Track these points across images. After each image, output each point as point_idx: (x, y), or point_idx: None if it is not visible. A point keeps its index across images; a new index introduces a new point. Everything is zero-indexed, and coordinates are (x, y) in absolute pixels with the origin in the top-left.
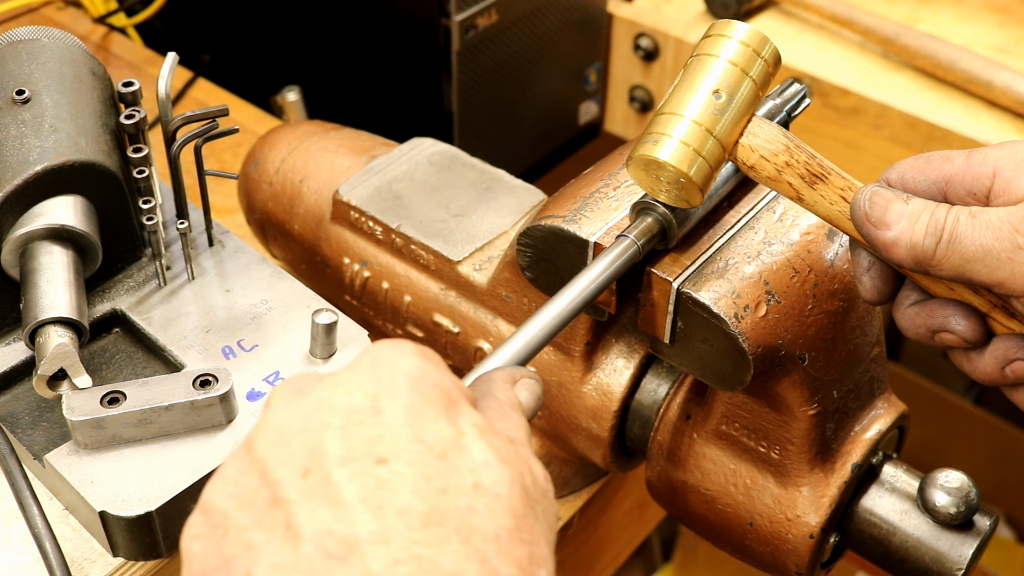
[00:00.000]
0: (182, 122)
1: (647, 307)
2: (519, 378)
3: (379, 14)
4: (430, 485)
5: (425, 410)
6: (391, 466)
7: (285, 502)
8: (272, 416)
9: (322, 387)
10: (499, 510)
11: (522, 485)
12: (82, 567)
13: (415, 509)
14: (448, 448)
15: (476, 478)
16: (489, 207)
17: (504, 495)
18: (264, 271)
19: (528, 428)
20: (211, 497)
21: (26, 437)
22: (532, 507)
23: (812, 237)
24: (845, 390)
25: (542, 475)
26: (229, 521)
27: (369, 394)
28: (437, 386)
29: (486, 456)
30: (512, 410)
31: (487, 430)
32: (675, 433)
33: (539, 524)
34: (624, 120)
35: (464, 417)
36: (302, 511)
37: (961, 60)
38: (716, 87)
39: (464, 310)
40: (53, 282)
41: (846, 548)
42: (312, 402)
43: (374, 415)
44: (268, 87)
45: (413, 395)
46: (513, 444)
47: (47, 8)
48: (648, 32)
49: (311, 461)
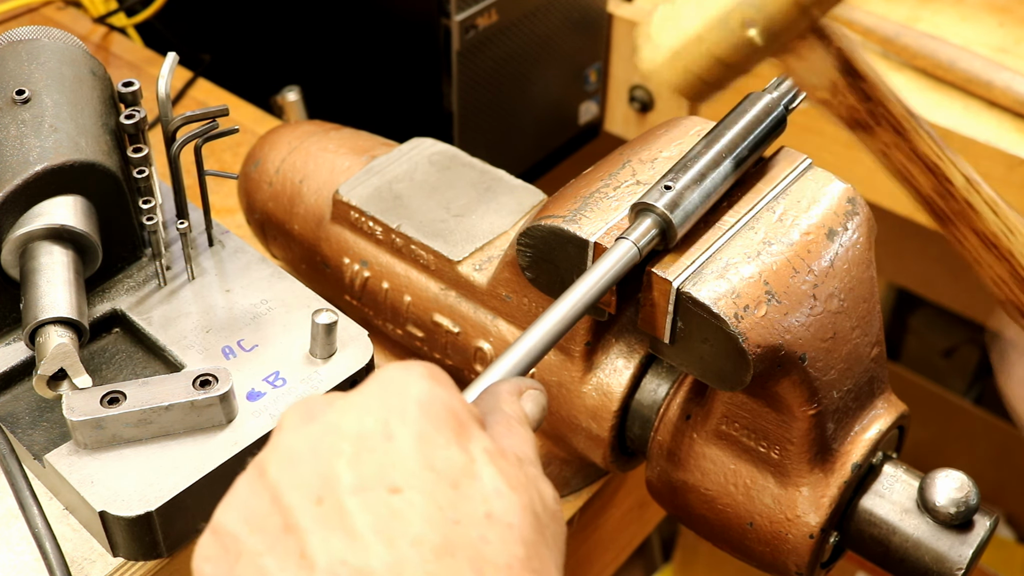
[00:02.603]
0: (182, 122)
1: (647, 307)
2: (524, 389)
3: (379, 14)
4: (443, 515)
5: (436, 436)
6: (404, 495)
7: (298, 529)
8: (283, 439)
9: (332, 411)
10: (511, 540)
11: (533, 512)
12: (82, 567)
13: (428, 540)
14: (460, 476)
15: (488, 507)
16: (489, 207)
17: (516, 524)
18: (264, 271)
19: (535, 441)
20: (222, 519)
21: (26, 437)
22: (542, 533)
23: (812, 237)
24: (845, 390)
25: (551, 497)
26: (241, 545)
27: (380, 419)
28: (447, 410)
29: (497, 484)
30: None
31: (497, 455)
32: (675, 433)
33: (549, 551)
34: (624, 120)
35: (475, 442)
36: (315, 539)
37: (961, 60)
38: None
39: (464, 310)
40: (53, 282)
41: (846, 548)
42: (322, 426)
43: (385, 441)
44: (268, 87)
45: (424, 421)
46: (522, 465)
47: (47, 8)
48: None
49: (324, 488)
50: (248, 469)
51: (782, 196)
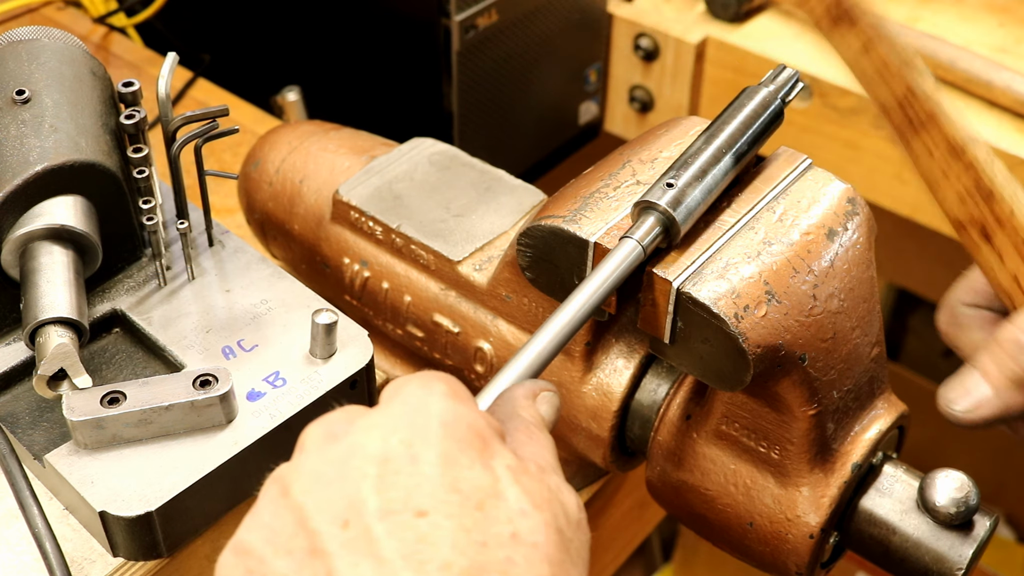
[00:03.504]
0: (182, 122)
1: (647, 307)
2: (539, 392)
3: (379, 14)
4: (470, 538)
5: (460, 457)
6: (430, 519)
7: (325, 554)
8: (306, 461)
9: (356, 431)
10: (536, 560)
11: (557, 528)
12: (82, 567)
13: (457, 564)
14: (485, 497)
15: (514, 527)
16: (489, 207)
17: (541, 543)
18: (264, 271)
19: (554, 445)
20: (246, 539)
21: (26, 437)
22: (567, 550)
23: (812, 237)
24: (845, 390)
25: (575, 506)
26: (267, 567)
27: (404, 441)
28: (470, 429)
29: (522, 504)
30: (538, 430)
31: (520, 471)
32: (675, 433)
33: (575, 568)
34: (624, 120)
35: (498, 459)
36: (343, 564)
37: (961, 60)
38: None
39: (464, 310)
40: (53, 282)
41: (846, 548)
42: (347, 448)
43: (410, 464)
44: (268, 87)
45: (447, 441)
46: (544, 476)
47: (47, 8)
48: (648, 32)
49: (350, 512)
50: (269, 487)
51: (782, 196)
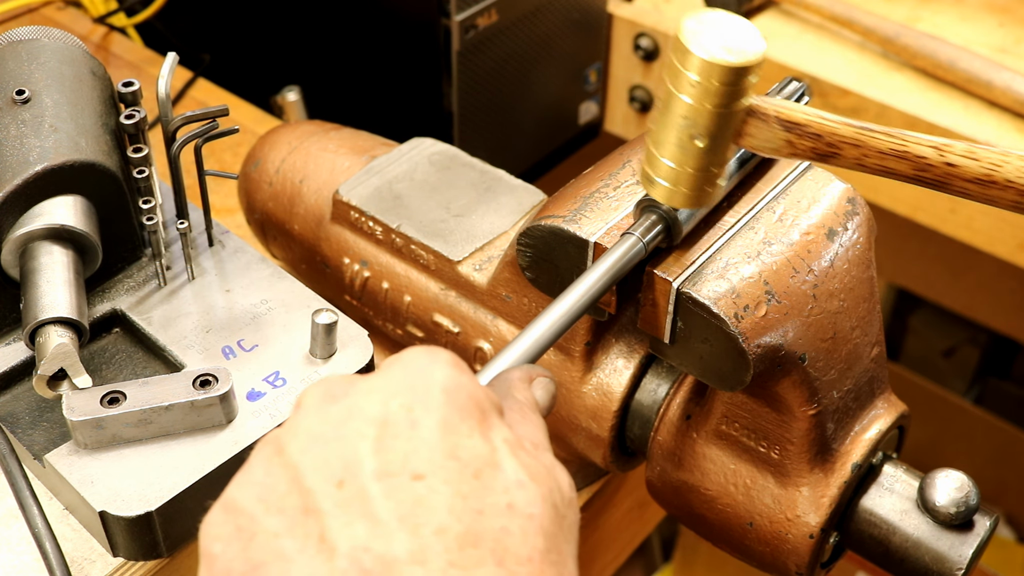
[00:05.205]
0: (182, 122)
1: (647, 307)
2: (535, 376)
3: (379, 14)
4: (466, 504)
5: (460, 425)
6: (427, 483)
7: (319, 512)
8: (303, 420)
9: (355, 393)
10: (531, 531)
11: (552, 503)
12: (82, 567)
13: (452, 529)
14: (483, 466)
15: (510, 498)
16: (489, 207)
17: (536, 515)
18: (264, 271)
19: (546, 427)
20: (236, 496)
21: (26, 437)
22: (561, 525)
23: (812, 237)
24: (845, 390)
25: (567, 484)
26: (257, 525)
27: (404, 405)
28: (471, 398)
29: (519, 475)
30: (532, 411)
31: (517, 445)
32: (675, 433)
33: (567, 543)
34: (624, 120)
35: (496, 431)
36: (337, 524)
37: (961, 60)
38: (691, 132)
39: (464, 310)
40: (53, 282)
41: (846, 548)
42: (345, 408)
43: (410, 428)
44: (268, 87)
45: (448, 408)
46: (538, 452)
47: (47, 8)
48: (648, 32)
49: (345, 472)
50: (263, 447)
51: (782, 196)
